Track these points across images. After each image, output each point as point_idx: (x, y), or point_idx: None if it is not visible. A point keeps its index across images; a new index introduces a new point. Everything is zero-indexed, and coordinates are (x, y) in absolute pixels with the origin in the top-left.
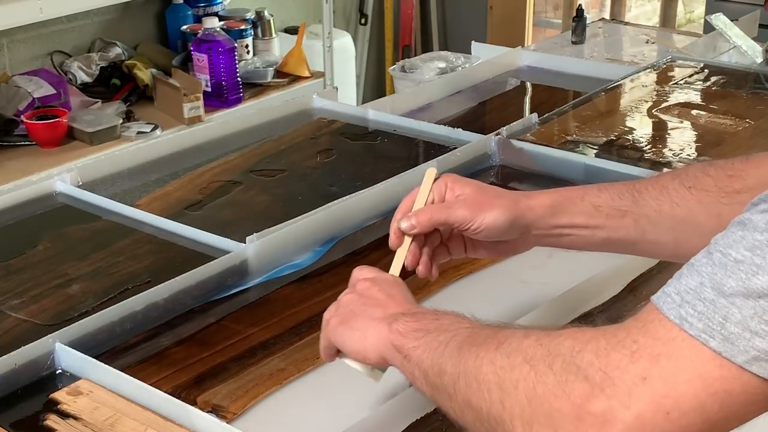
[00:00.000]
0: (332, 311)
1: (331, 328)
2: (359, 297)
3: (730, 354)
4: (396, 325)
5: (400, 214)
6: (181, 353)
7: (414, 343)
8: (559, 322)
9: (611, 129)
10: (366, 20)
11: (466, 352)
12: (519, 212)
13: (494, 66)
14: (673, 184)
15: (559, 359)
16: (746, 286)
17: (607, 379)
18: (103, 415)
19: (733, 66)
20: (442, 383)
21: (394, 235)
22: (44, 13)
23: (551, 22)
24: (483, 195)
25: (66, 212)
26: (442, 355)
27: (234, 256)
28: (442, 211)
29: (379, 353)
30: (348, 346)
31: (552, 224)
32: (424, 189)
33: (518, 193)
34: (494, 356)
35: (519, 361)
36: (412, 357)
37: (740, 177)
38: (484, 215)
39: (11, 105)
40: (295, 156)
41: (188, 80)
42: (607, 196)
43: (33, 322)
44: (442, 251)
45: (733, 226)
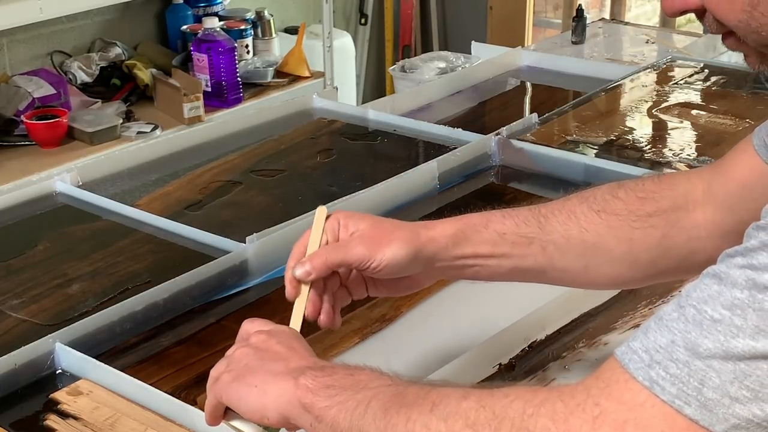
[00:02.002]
0: (221, 368)
1: (221, 385)
2: (255, 350)
3: (707, 422)
4: (304, 380)
5: (293, 261)
6: (181, 353)
7: (327, 402)
8: (559, 323)
9: (611, 129)
10: (366, 20)
11: (394, 414)
12: (420, 244)
13: (494, 66)
14: (581, 208)
15: (507, 423)
16: (725, 348)
17: None
18: (103, 415)
19: (733, 66)
20: None
21: (290, 284)
22: (44, 13)
23: (551, 22)
24: (380, 229)
25: (66, 212)
26: (363, 416)
27: (234, 256)
28: (338, 252)
29: (282, 412)
30: (244, 405)
31: (455, 255)
32: (316, 230)
33: (418, 224)
34: (428, 420)
35: (459, 426)
36: (325, 418)
37: (653, 199)
38: (384, 251)
39: (11, 105)
40: (295, 156)
41: (188, 80)
42: (512, 222)
43: (33, 322)
44: (343, 294)
45: (707, 278)
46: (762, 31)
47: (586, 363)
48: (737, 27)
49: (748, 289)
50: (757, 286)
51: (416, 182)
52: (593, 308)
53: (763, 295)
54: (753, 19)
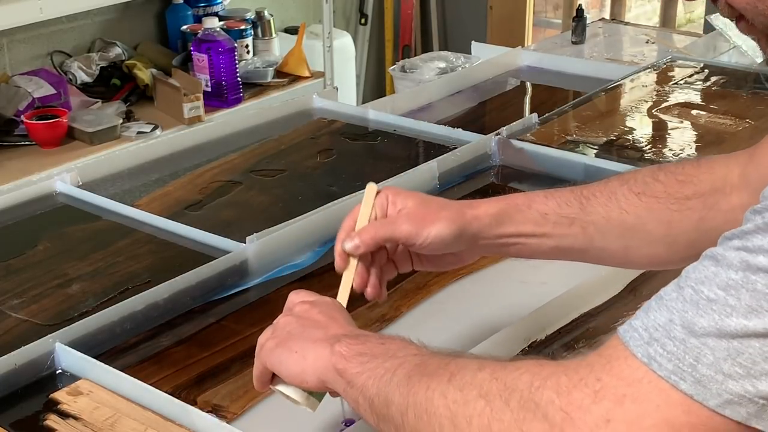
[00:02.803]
0: (267, 334)
1: (266, 351)
2: (297, 319)
3: (702, 397)
4: (338, 347)
5: (343, 235)
6: (181, 353)
7: (358, 369)
8: (560, 323)
9: (611, 129)
10: (366, 20)
11: (416, 382)
12: (465, 223)
13: (494, 66)
14: (622, 190)
15: (516, 395)
16: (719, 326)
17: (568, 419)
18: (103, 415)
19: (733, 66)
20: (389, 414)
21: (339, 257)
22: (44, 13)
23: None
24: (426, 208)
25: (66, 212)
26: (389, 383)
27: (234, 256)
28: (386, 228)
29: (319, 376)
30: (285, 369)
31: (498, 233)
32: (366, 206)
33: (463, 203)
34: (446, 389)
35: (473, 395)
36: (356, 383)
37: (691, 183)
38: (430, 229)
39: (11, 105)
40: (295, 156)
41: (188, 80)
42: (554, 203)
43: (33, 322)
44: (390, 268)
45: (706, 259)
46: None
47: None
48: (746, 10)
49: (743, 270)
50: (751, 268)
51: (416, 182)
52: (593, 308)
53: (756, 276)
54: (760, 1)
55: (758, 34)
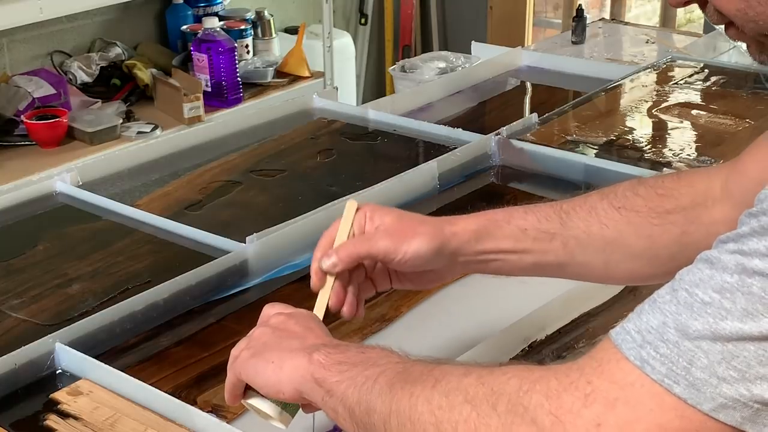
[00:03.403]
0: (242, 346)
1: (240, 362)
2: (273, 330)
3: (695, 401)
4: (317, 356)
5: (319, 252)
6: (181, 353)
7: (337, 377)
8: (559, 323)
9: (611, 129)
10: (366, 20)
11: (398, 389)
12: (444, 239)
13: (494, 66)
14: (602, 205)
15: (503, 399)
16: (713, 330)
17: (558, 423)
18: (103, 415)
19: (733, 66)
20: (370, 422)
21: (315, 275)
22: (44, 13)
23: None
24: (405, 223)
25: (66, 212)
26: (371, 391)
27: (234, 256)
28: (364, 245)
29: (297, 387)
30: (261, 380)
31: (478, 250)
32: (345, 223)
33: (441, 220)
34: (431, 395)
35: (459, 400)
36: (336, 392)
37: (672, 196)
38: (408, 244)
39: (11, 105)
40: (295, 156)
41: (188, 80)
42: (533, 218)
43: (33, 322)
44: (368, 286)
45: (700, 262)
46: (759, 20)
47: None
48: (736, 16)
49: (738, 273)
50: (747, 271)
51: (416, 182)
52: (593, 308)
53: (752, 280)
54: (750, 8)
55: (749, 40)
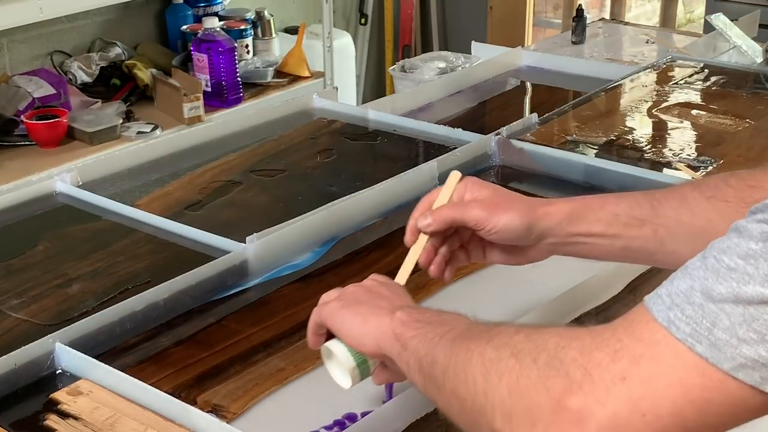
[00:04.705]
0: (333, 295)
1: (330, 309)
2: (366, 290)
3: (716, 360)
4: (399, 314)
5: (417, 212)
6: (181, 353)
7: (413, 333)
8: (559, 322)
9: (611, 129)
10: (366, 20)
11: (458, 344)
12: (535, 218)
13: (494, 66)
14: (693, 194)
15: (544, 354)
16: (736, 293)
17: (587, 375)
18: (103, 415)
19: (733, 66)
20: (433, 373)
21: (410, 232)
22: (44, 13)
23: (551, 22)
24: (500, 198)
25: (66, 212)
26: (437, 346)
27: (234, 256)
28: (457, 210)
29: (378, 341)
30: (346, 330)
31: (569, 232)
32: (446, 190)
33: (537, 200)
34: (484, 349)
35: (507, 354)
36: (409, 346)
37: (762, 188)
38: (499, 217)
39: (11, 105)
40: (295, 156)
41: (188, 80)
42: (625, 204)
43: (33, 322)
44: (461, 255)
45: (731, 232)
46: None
47: None
48: None
49: (763, 241)
50: None
51: (416, 182)
52: (593, 308)
53: None
54: None
55: None
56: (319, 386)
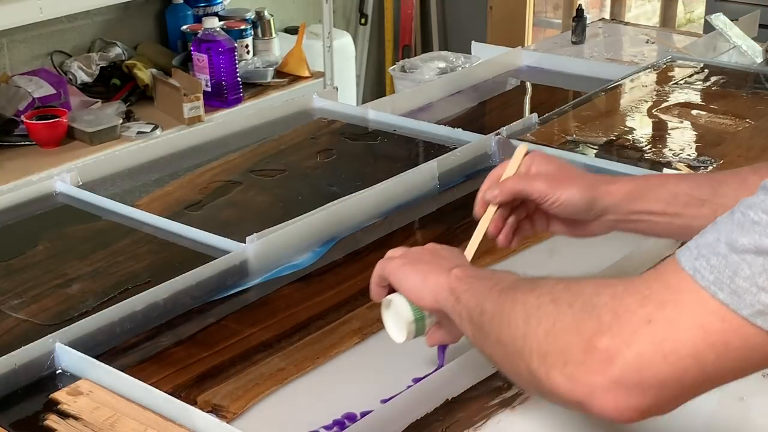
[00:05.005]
0: (398, 253)
1: (393, 266)
2: (429, 252)
3: (736, 306)
4: (455, 272)
5: (486, 185)
6: (181, 353)
7: (466, 287)
8: None
9: (611, 129)
10: (366, 20)
11: (505, 295)
12: (596, 195)
13: (494, 66)
14: (753, 178)
15: (580, 300)
16: (758, 245)
17: (616, 318)
18: (103, 415)
19: (733, 66)
20: (481, 322)
21: (479, 204)
22: (44, 13)
23: (551, 22)
24: (564, 172)
25: (66, 212)
26: (486, 297)
27: (234, 256)
28: (523, 182)
29: (435, 296)
30: (406, 284)
31: (630, 210)
32: (513, 164)
33: (599, 177)
34: (527, 298)
35: (546, 301)
36: (462, 299)
37: None
38: (561, 191)
39: (11, 105)
40: (295, 156)
41: (188, 80)
42: (686, 185)
43: (33, 322)
44: (527, 225)
45: (760, 189)
46: None
47: None
48: None
49: None
50: None
51: (416, 182)
52: None
53: None
54: None
55: None
56: (319, 386)
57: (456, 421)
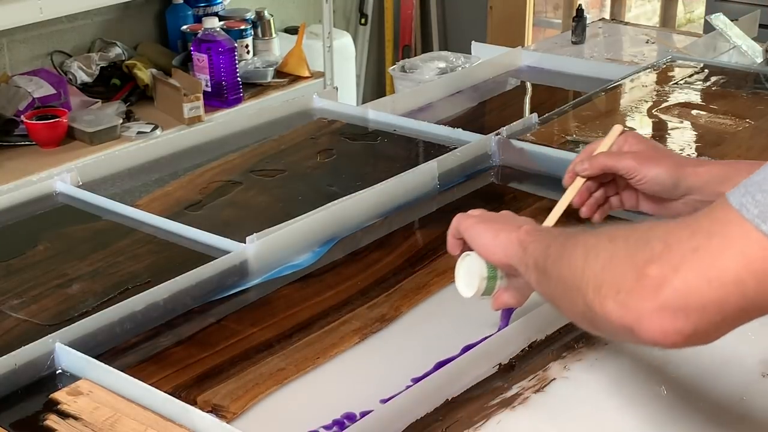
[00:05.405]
0: (474, 214)
1: (469, 222)
2: (503, 215)
3: None
4: (525, 228)
5: (579, 158)
6: (181, 353)
7: (533, 238)
8: (559, 322)
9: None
10: (366, 20)
11: (568, 239)
12: (683, 174)
13: (494, 66)
14: None
15: (635, 234)
16: None
17: (667, 248)
18: (103, 415)
19: (733, 66)
20: (544, 265)
21: (568, 175)
22: (44, 13)
23: (551, 22)
24: (653, 152)
25: (66, 212)
26: (552, 243)
27: (234, 256)
28: (612, 158)
29: (504, 251)
30: (478, 241)
31: (715, 191)
32: (607, 141)
33: (688, 159)
34: (587, 239)
35: (605, 239)
36: (529, 249)
37: None
38: (649, 169)
39: (11, 105)
40: (295, 156)
41: (188, 80)
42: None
43: (33, 322)
44: (615, 201)
45: None
46: None
47: (586, 363)
48: None
49: None
50: None
51: (416, 182)
52: None
53: None
54: None
55: None
56: (319, 386)
57: (456, 421)
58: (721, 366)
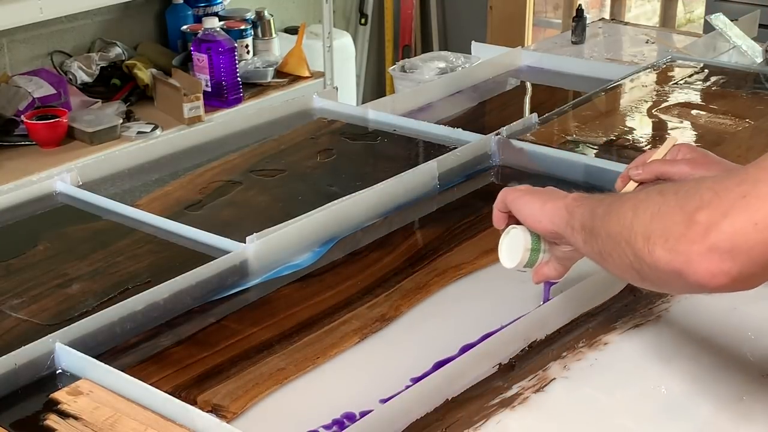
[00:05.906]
0: (519, 188)
1: (515, 195)
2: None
3: None
4: (572, 196)
5: (633, 164)
6: (181, 353)
7: (579, 203)
8: (559, 323)
9: (611, 129)
10: (366, 20)
11: (617, 199)
12: None
13: (494, 66)
14: None
15: (684, 187)
16: None
17: (716, 195)
18: (103, 415)
19: (733, 66)
20: (591, 225)
21: (621, 178)
22: (44, 13)
23: (551, 22)
24: (706, 160)
25: (66, 212)
26: (598, 206)
27: (234, 256)
28: (665, 165)
29: (551, 219)
30: (525, 211)
31: None
32: (662, 150)
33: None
34: (636, 194)
35: (654, 193)
36: (575, 213)
37: None
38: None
39: (11, 105)
40: (295, 156)
41: (188, 80)
42: None
43: (33, 322)
44: None
45: None
46: None
47: (586, 363)
48: None
49: None
50: None
51: (416, 182)
52: (593, 308)
53: None
54: None
55: None
56: (318, 386)
57: (456, 421)
58: (721, 366)
